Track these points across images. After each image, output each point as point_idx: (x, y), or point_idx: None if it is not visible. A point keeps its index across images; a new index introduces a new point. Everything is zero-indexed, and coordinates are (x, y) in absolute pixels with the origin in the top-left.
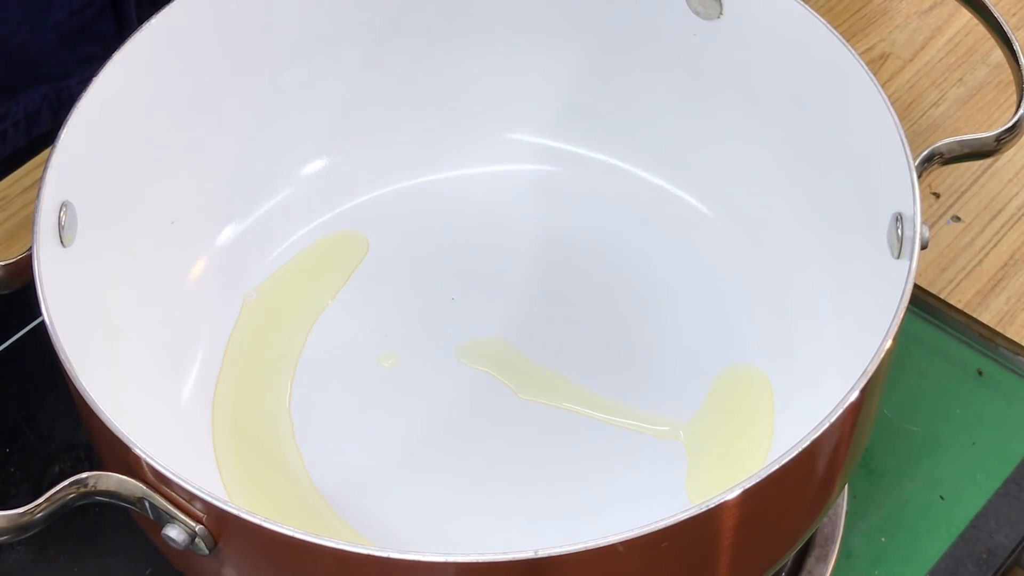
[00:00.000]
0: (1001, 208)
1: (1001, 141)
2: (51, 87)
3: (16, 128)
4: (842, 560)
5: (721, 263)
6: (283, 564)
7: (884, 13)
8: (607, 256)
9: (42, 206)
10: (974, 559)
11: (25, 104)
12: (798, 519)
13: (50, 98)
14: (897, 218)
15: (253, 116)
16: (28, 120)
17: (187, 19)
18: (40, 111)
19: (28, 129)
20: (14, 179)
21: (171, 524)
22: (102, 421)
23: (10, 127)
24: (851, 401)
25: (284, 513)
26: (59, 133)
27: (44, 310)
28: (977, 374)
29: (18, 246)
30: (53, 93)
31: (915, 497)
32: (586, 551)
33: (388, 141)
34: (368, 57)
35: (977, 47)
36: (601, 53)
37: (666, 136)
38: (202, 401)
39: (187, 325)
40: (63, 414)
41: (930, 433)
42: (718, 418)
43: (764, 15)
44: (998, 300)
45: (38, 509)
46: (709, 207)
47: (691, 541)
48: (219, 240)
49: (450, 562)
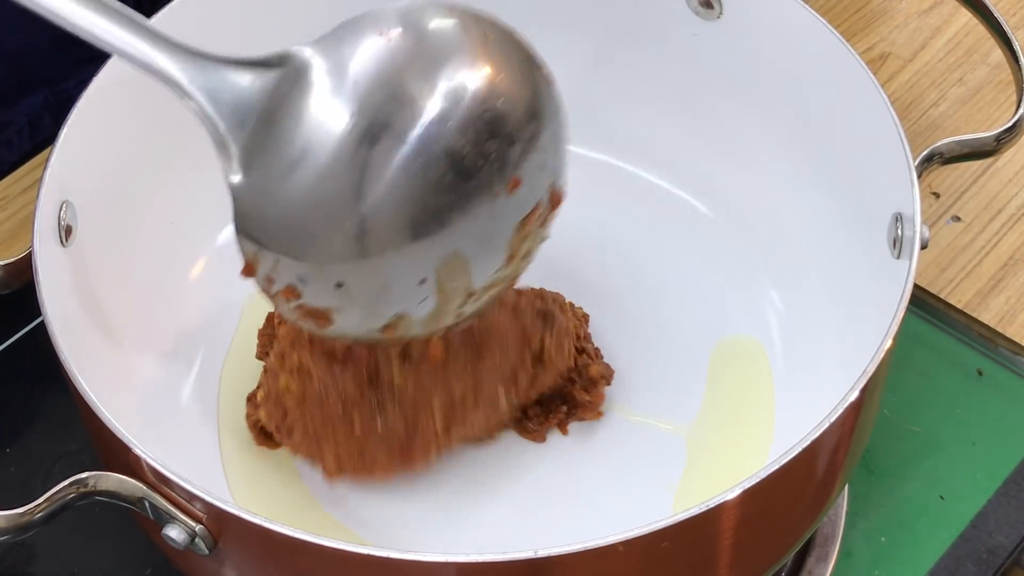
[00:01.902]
0: (1001, 208)
1: (1001, 141)
2: (50, 91)
3: (20, 135)
4: (842, 560)
5: (720, 263)
6: (283, 564)
7: (884, 13)
8: (607, 256)
9: (42, 206)
10: (974, 559)
11: (27, 111)
12: (798, 519)
13: (50, 102)
14: (897, 218)
15: None
16: (31, 126)
17: (187, 17)
18: (42, 116)
19: (32, 135)
20: (14, 179)
21: (171, 524)
22: (102, 421)
23: (14, 135)
24: (851, 401)
25: (286, 513)
26: (59, 133)
27: (44, 310)
28: (977, 374)
29: (18, 246)
30: (52, 97)
31: (915, 497)
32: (586, 551)
33: None
34: None
35: (977, 47)
36: (601, 53)
37: (666, 136)
38: (202, 401)
39: (187, 325)
40: (63, 414)
41: (930, 433)
42: (718, 418)
43: (764, 15)
44: (998, 300)
45: (38, 509)
46: (709, 207)
47: (691, 541)
48: (219, 240)
49: (450, 562)
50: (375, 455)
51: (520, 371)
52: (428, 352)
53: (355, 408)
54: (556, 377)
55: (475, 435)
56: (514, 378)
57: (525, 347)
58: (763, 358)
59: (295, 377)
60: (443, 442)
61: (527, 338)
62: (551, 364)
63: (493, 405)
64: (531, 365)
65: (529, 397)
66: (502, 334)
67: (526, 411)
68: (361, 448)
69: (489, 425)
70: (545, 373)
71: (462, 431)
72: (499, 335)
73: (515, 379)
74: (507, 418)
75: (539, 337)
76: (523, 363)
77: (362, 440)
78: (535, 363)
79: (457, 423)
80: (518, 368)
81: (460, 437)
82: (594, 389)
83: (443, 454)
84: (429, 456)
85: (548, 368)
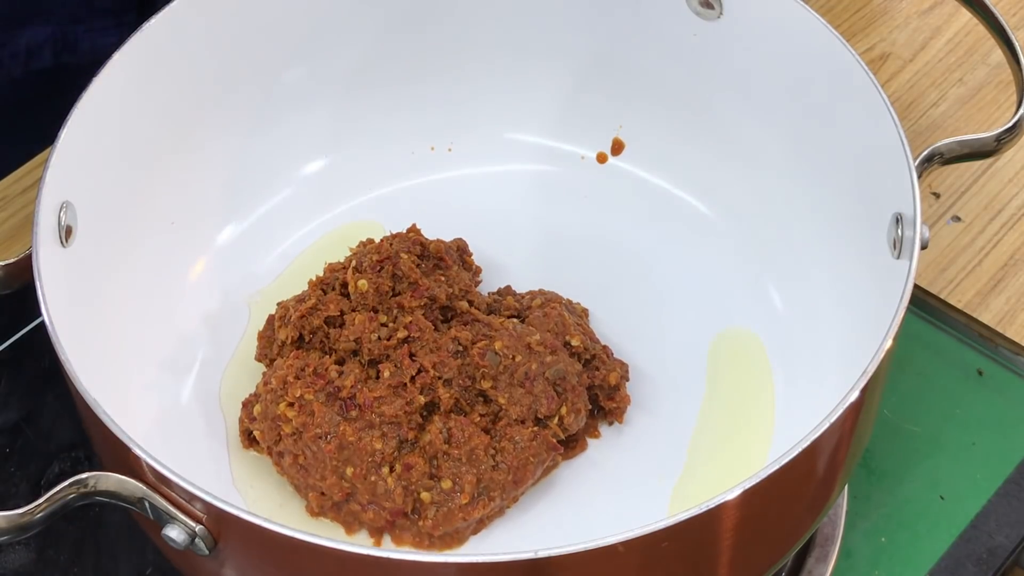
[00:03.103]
0: (1001, 208)
1: (1001, 141)
2: (58, 29)
3: (15, 59)
4: (842, 560)
5: (721, 263)
6: (283, 564)
7: (884, 13)
8: (607, 256)
9: (42, 206)
10: (974, 559)
11: (28, 39)
12: (798, 519)
13: (56, 38)
14: (897, 218)
15: (253, 116)
16: (28, 53)
17: (187, 19)
18: (42, 48)
19: (26, 62)
20: (14, 179)
21: (171, 524)
22: (102, 421)
23: (7, 57)
24: (851, 401)
25: (293, 505)
26: (59, 133)
27: (44, 310)
28: (977, 374)
29: (18, 246)
30: (60, 34)
31: (915, 497)
32: (586, 551)
33: (388, 141)
34: (368, 57)
35: (977, 47)
36: (601, 53)
37: (666, 136)
38: (202, 401)
39: (187, 325)
40: (63, 414)
41: (930, 433)
42: (718, 418)
43: (764, 16)
44: (998, 300)
45: (38, 509)
46: (709, 207)
47: (691, 541)
48: (219, 240)
49: (450, 562)
50: (361, 515)
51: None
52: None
53: (355, 459)
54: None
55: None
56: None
57: (546, 432)
58: (763, 358)
59: (295, 409)
60: (468, 516)
61: (547, 415)
62: (572, 424)
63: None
64: (554, 426)
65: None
66: (519, 432)
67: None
68: (348, 504)
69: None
70: (566, 429)
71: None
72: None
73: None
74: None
75: (556, 409)
76: (544, 442)
77: (351, 494)
78: (557, 426)
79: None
80: (541, 451)
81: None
82: (617, 394)
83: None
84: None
85: (569, 425)
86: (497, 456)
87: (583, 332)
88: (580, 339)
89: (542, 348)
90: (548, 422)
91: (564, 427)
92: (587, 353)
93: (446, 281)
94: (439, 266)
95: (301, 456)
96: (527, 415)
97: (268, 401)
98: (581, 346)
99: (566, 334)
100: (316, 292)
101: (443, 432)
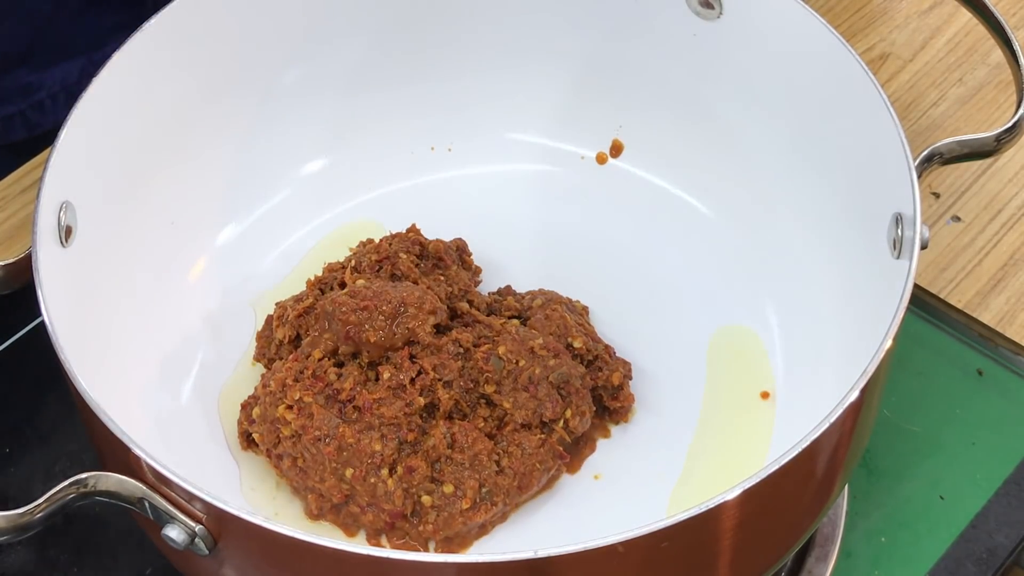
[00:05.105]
0: (1001, 208)
1: (1001, 141)
2: (88, 58)
3: (55, 101)
4: (842, 560)
5: (721, 263)
6: (282, 564)
7: (884, 13)
8: (607, 256)
9: (42, 206)
10: (974, 559)
11: (62, 76)
12: (798, 519)
13: (88, 70)
14: (897, 218)
15: (253, 116)
16: (67, 92)
17: (187, 19)
18: (80, 83)
19: (67, 102)
20: (14, 179)
21: (171, 524)
22: (102, 421)
23: (47, 98)
24: (851, 401)
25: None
26: (59, 133)
27: (44, 310)
28: (977, 374)
29: (18, 246)
30: (90, 65)
31: (915, 497)
32: (586, 551)
33: (388, 141)
34: (367, 58)
35: (977, 47)
36: (601, 54)
37: (666, 136)
38: (202, 401)
39: (187, 325)
40: (63, 414)
41: (930, 433)
42: (718, 417)
43: (764, 15)
44: (998, 300)
45: (38, 509)
46: (709, 207)
47: (691, 541)
48: (219, 240)
49: (450, 562)
50: (360, 517)
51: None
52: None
53: (355, 461)
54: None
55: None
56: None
57: (550, 437)
58: (763, 358)
59: (294, 412)
60: (468, 520)
61: (552, 418)
62: (577, 427)
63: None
64: (559, 429)
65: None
66: (525, 438)
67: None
68: (347, 506)
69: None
70: (571, 432)
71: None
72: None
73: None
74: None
75: (561, 413)
76: (551, 450)
77: (350, 496)
78: (562, 430)
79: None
80: (547, 459)
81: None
82: (621, 393)
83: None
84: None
85: (574, 428)
86: (503, 461)
87: (585, 332)
88: (583, 340)
89: (545, 352)
90: (553, 426)
91: (569, 430)
92: (589, 354)
93: (445, 281)
94: (438, 266)
95: (300, 458)
96: (532, 419)
97: (267, 404)
98: (584, 348)
99: (568, 336)
100: (314, 292)
101: (447, 436)
